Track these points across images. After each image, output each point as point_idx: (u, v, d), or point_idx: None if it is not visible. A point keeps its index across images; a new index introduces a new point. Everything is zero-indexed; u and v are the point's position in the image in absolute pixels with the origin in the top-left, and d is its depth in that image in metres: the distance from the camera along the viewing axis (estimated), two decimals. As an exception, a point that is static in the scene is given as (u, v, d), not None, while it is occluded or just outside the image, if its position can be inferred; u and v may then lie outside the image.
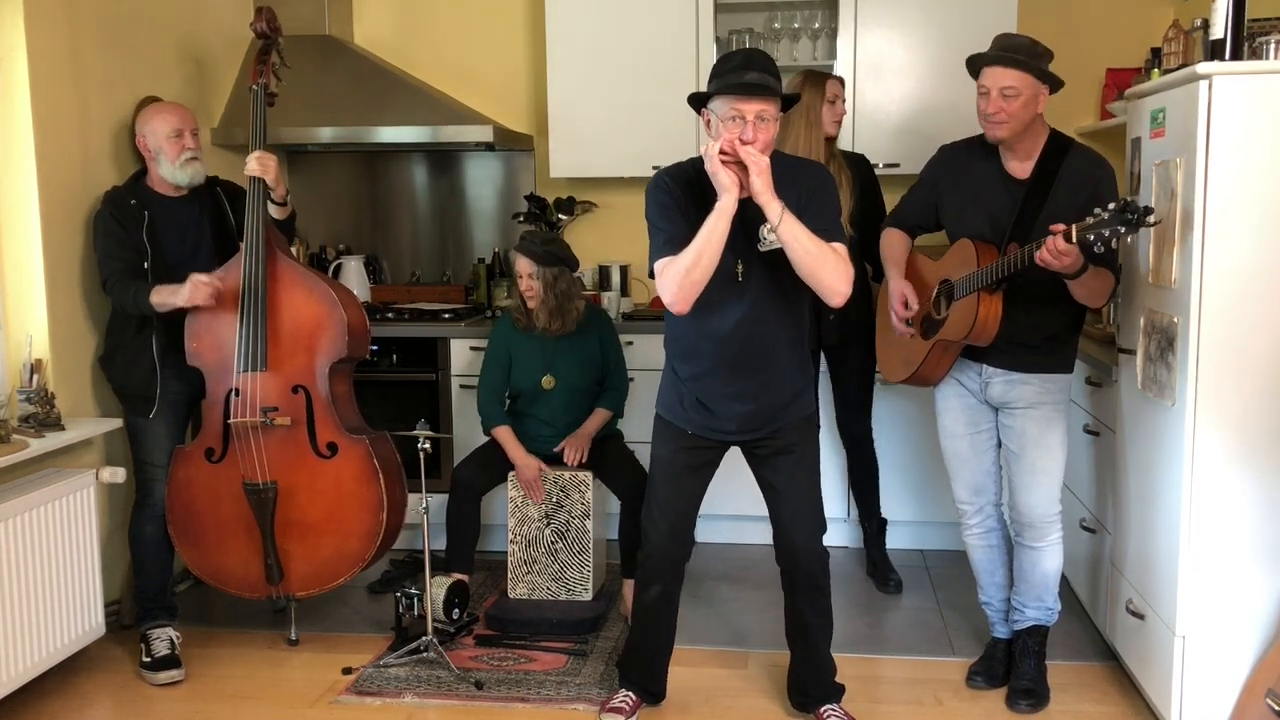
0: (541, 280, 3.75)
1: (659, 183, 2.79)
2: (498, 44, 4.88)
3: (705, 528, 4.49)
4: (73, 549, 3.31)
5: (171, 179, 3.50)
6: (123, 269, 3.42)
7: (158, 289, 3.38)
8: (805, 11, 4.56)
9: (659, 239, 2.74)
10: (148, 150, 3.51)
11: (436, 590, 3.58)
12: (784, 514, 2.93)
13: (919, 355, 3.23)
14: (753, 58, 2.65)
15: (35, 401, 3.29)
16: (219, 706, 3.24)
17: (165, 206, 3.52)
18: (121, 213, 3.46)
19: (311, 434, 3.46)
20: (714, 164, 2.59)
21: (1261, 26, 3.44)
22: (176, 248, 3.51)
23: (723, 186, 2.60)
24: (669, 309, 2.73)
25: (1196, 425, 2.76)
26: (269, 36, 3.61)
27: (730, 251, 2.68)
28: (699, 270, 2.63)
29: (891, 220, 3.37)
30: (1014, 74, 2.89)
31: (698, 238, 2.62)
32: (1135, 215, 2.62)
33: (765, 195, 2.58)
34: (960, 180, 3.13)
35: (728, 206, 2.59)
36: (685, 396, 2.90)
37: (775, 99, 2.64)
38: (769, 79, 2.62)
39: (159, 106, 3.58)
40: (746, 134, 2.59)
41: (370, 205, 5.09)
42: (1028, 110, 2.92)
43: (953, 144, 3.21)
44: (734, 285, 2.75)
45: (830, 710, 3.03)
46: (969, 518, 3.30)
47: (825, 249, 2.64)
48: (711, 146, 2.60)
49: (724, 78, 2.64)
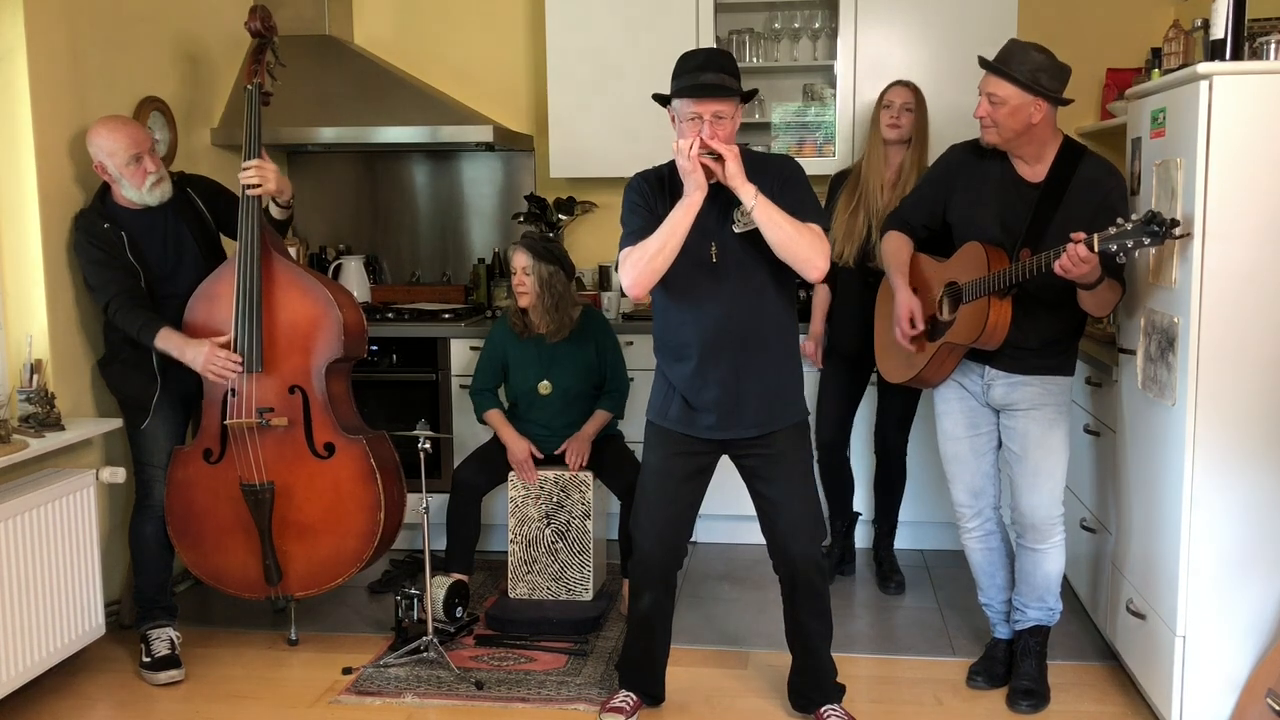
0: (536, 275, 3.74)
1: (633, 184, 2.90)
2: (498, 44, 4.88)
3: (705, 528, 4.53)
4: (73, 549, 3.31)
5: (140, 202, 3.41)
6: (118, 291, 3.36)
7: (165, 334, 3.32)
8: (805, 11, 4.56)
9: (626, 234, 2.84)
10: (107, 174, 3.36)
11: (436, 590, 3.58)
12: (781, 524, 2.92)
13: (923, 358, 3.22)
14: (711, 58, 2.74)
15: (35, 402, 3.28)
16: (219, 706, 3.24)
17: (138, 221, 3.43)
18: (98, 238, 3.37)
19: (309, 434, 3.46)
20: (692, 162, 2.65)
21: (1261, 26, 3.44)
22: (160, 260, 3.46)
23: (694, 184, 2.68)
24: (626, 292, 2.80)
25: (1196, 425, 2.75)
26: (264, 35, 3.60)
27: (703, 235, 2.76)
28: (661, 258, 2.71)
29: (893, 222, 3.33)
30: (1000, 83, 2.90)
31: (663, 226, 2.71)
32: (1161, 228, 2.59)
33: (738, 179, 2.67)
34: (971, 181, 3.11)
35: (695, 201, 2.69)
36: (672, 394, 2.92)
37: (731, 98, 2.70)
38: (725, 78, 2.70)
39: (109, 126, 3.34)
40: (705, 132, 2.67)
41: (370, 205, 5.09)
42: (1015, 119, 2.91)
43: (963, 144, 3.19)
44: (709, 268, 2.80)
45: (830, 710, 3.03)
46: (968, 520, 3.30)
47: (799, 225, 2.70)
48: (684, 145, 2.67)
49: (681, 79, 2.73)
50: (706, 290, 2.81)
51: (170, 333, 3.34)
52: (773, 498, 2.92)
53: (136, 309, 3.36)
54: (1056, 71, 2.91)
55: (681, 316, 2.85)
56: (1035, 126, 2.93)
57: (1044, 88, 2.88)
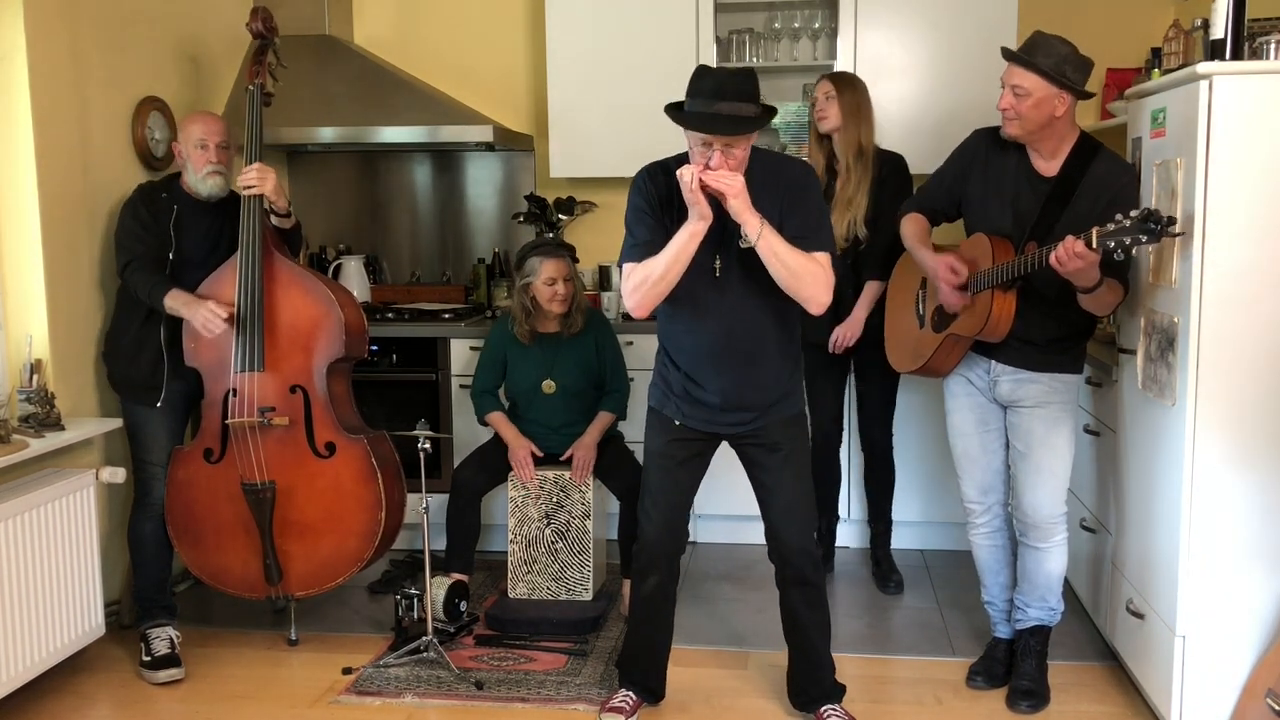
0: (575, 280, 3.82)
1: (637, 184, 2.84)
2: (498, 44, 4.88)
3: (705, 528, 4.53)
4: (73, 549, 3.31)
5: (194, 188, 3.52)
6: (145, 254, 3.43)
7: (174, 293, 3.38)
8: (805, 11, 4.56)
9: (630, 241, 2.80)
10: (180, 155, 3.53)
11: (436, 590, 3.58)
12: (774, 512, 2.95)
13: (929, 348, 3.22)
14: (726, 85, 2.61)
15: (35, 401, 3.28)
16: (219, 706, 3.24)
17: (194, 208, 3.53)
18: (151, 201, 3.49)
19: (309, 434, 3.46)
20: (695, 195, 2.59)
21: (1261, 26, 3.45)
22: (196, 249, 3.51)
23: (698, 214, 2.62)
24: (630, 313, 2.79)
25: (1196, 425, 2.75)
26: (265, 36, 3.62)
27: (709, 248, 2.72)
28: (665, 283, 2.70)
29: (913, 205, 3.31)
30: (1025, 74, 2.88)
31: (666, 252, 2.67)
32: (1158, 225, 2.59)
33: (744, 214, 2.62)
34: (989, 169, 3.09)
35: (698, 231, 2.64)
36: (673, 385, 2.93)
37: (747, 132, 2.63)
38: (740, 107, 2.60)
39: (195, 114, 3.62)
40: (714, 161, 2.59)
41: (370, 205, 5.09)
42: (1039, 111, 2.89)
43: (985, 130, 3.16)
44: (713, 281, 2.78)
45: (830, 710, 3.03)
46: (977, 517, 3.30)
47: (803, 262, 2.66)
48: (686, 174, 2.59)
49: (694, 102, 2.63)
50: (709, 302, 2.80)
51: (178, 292, 3.39)
52: (768, 485, 2.94)
53: (152, 271, 3.41)
54: (1080, 64, 2.89)
55: (684, 325, 2.85)
56: (1058, 120, 2.91)
57: (1069, 80, 2.87)
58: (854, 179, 3.81)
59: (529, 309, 3.82)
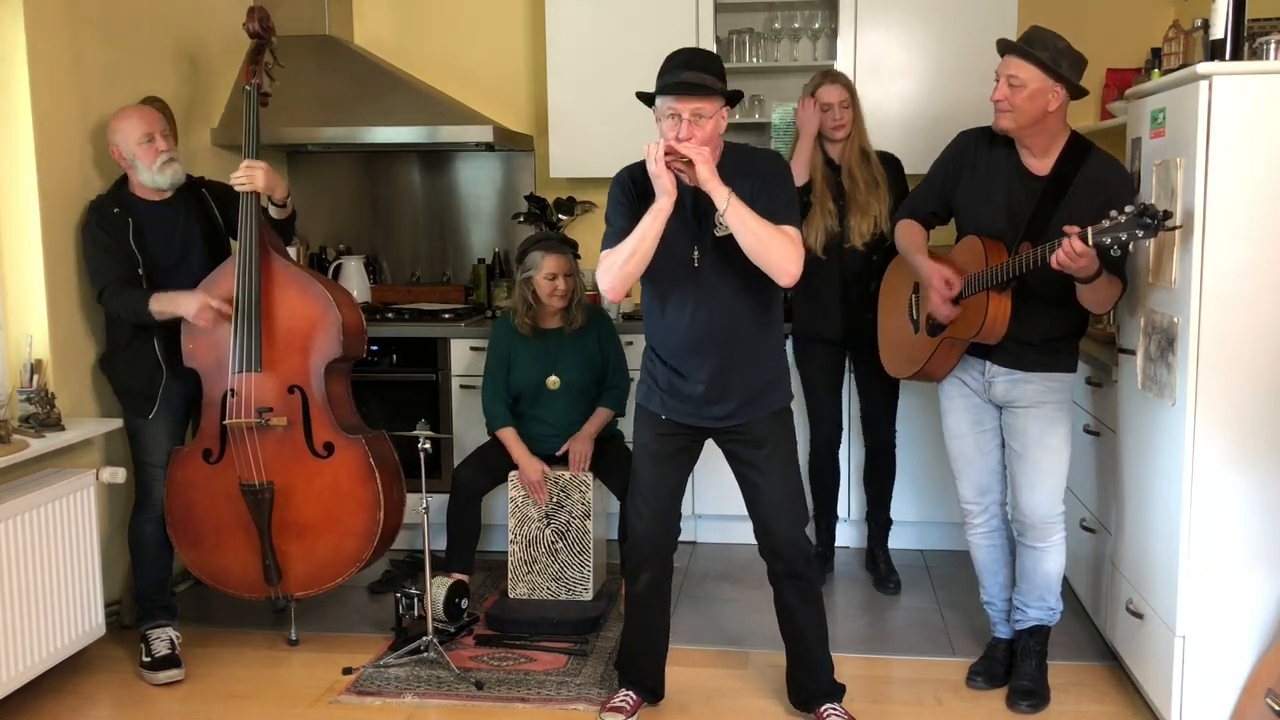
0: (576, 276, 3.82)
1: (618, 180, 2.91)
2: (498, 44, 4.88)
3: (703, 528, 4.52)
4: (73, 549, 3.31)
5: (152, 184, 3.46)
6: (117, 278, 3.40)
7: (156, 296, 3.36)
8: (805, 11, 4.56)
9: (608, 231, 2.86)
10: (123, 158, 3.44)
11: (436, 590, 3.58)
12: (763, 508, 2.95)
13: (924, 353, 3.22)
14: (694, 57, 2.73)
15: (35, 402, 3.29)
16: (219, 706, 3.24)
17: (150, 212, 3.48)
18: (107, 221, 3.43)
19: (308, 434, 3.46)
20: (657, 166, 2.66)
21: (1261, 26, 3.45)
22: (166, 253, 3.48)
23: (661, 189, 2.68)
24: (604, 295, 2.83)
25: (1196, 425, 2.75)
26: (262, 36, 3.61)
27: (685, 239, 2.78)
28: (632, 264, 2.74)
29: (905, 212, 3.32)
30: (1022, 65, 2.88)
31: (634, 233, 2.73)
32: (1154, 220, 2.59)
33: (711, 182, 2.66)
34: (979, 169, 3.09)
35: (664, 207, 2.69)
36: (659, 379, 2.95)
37: (711, 97, 2.69)
38: (706, 77, 2.69)
39: (125, 112, 3.49)
40: (682, 132, 2.67)
41: (370, 205, 5.09)
42: (1033, 104, 2.89)
43: (972, 131, 3.17)
44: (690, 271, 2.82)
45: (830, 710, 3.03)
46: (974, 518, 3.30)
47: (772, 230, 2.69)
48: (652, 148, 2.66)
49: (663, 77, 2.73)
50: (688, 292, 2.83)
51: (159, 294, 3.37)
52: (756, 482, 2.95)
53: (127, 290, 3.39)
54: (1075, 59, 2.90)
55: (666, 316, 2.89)
56: (1050, 115, 2.92)
57: (1064, 73, 2.87)
58: (863, 181, 3.80)
59: (530, 303, 3.82)
